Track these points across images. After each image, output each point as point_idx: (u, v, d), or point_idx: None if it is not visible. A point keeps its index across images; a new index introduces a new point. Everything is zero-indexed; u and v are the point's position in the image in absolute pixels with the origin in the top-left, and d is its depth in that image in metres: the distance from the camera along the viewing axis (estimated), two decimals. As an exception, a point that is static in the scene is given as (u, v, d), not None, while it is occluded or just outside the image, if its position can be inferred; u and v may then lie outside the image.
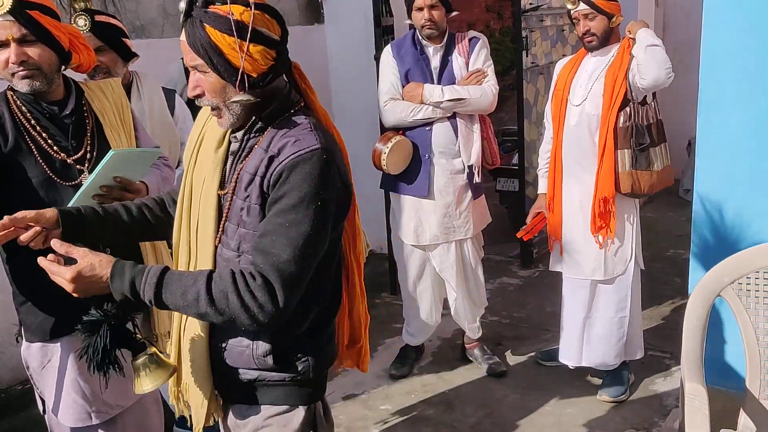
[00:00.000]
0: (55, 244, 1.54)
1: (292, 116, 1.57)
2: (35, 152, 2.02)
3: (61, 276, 1.49)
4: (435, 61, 3.28)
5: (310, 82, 1.64)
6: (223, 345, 1.64)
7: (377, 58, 3.49)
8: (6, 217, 1.63)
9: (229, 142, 1.64)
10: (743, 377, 2.20)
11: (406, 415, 3.26)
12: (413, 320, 3.60)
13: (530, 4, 4.77)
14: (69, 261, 1.51)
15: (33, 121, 2.04)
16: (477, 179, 3.34)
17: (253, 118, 1.59)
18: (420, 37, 3.27)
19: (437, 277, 3.45)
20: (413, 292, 3.50)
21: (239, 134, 1.62)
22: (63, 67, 2.08)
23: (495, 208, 5.62)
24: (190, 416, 1.75)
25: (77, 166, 2.07)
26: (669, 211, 5.64)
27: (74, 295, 1.51)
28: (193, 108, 3.05)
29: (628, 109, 2.95)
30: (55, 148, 2.05)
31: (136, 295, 1.50)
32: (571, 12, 3.00)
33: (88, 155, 2.10)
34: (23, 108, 2.04)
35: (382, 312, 4.36)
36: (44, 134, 2.05)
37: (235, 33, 1.44)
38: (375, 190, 3.71)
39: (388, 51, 3.36)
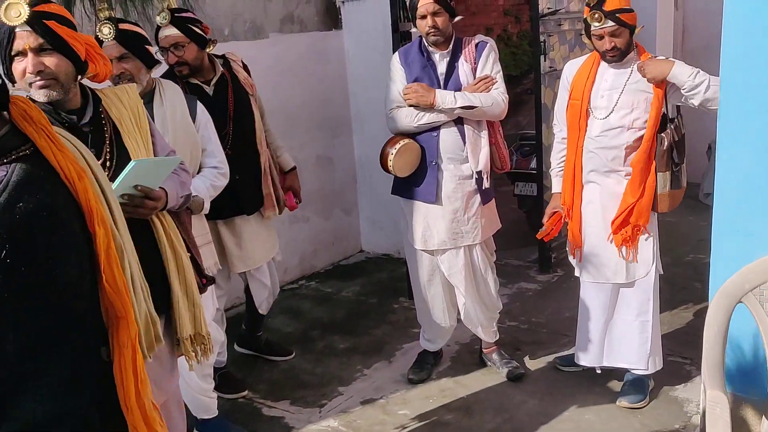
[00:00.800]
0: None
1: None
2: None
3: None
4: (441, 67, 3.26)
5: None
6: None
7: (395, 64, 3.50)
8: None
9: None
10: (765, 384, 2.19)
11: (425, 420, 3.25)
12: (427, 325, 3.61)
13: (548, 8, 4.76)
14: None
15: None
16: (486, 184, 3.32)
17: None
18: (426, 44, 3.27)
19: (448, 282, 3.44)
20: (425, 296, 3.50)
21: None
22: (79, 77, 2.10)
23: (513, 212, 5.63)
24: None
25: None
26: (689, 216, 5.60)
27: None
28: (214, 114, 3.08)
29: (669, 131, 2.96)
30: None
31: None
32: (593, 29, 2.95)
33: (108, 163, 2.11)
34: None
35: (399, 317, 4.37)
36: None
37: None
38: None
39: (396, 58, 3.35)
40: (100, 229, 1.37)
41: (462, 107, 3.16)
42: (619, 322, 3.22)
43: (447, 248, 3.34)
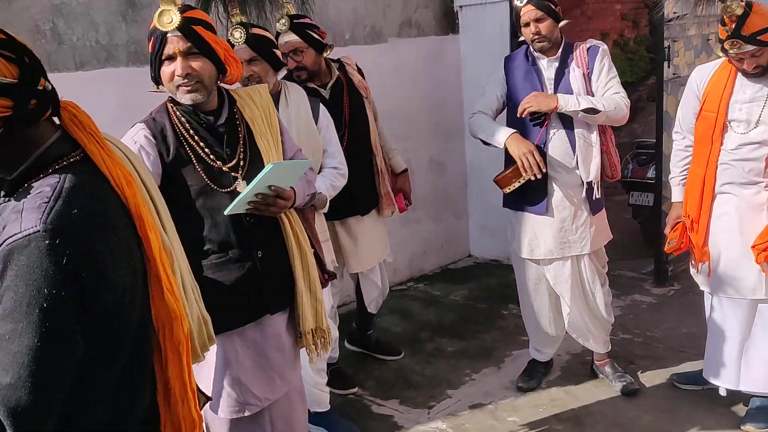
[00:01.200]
0: None
1: (49, 175, 1.29)
2: (194, 161, 2.15)
3: None
4: (549, 73, 3.20)
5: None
6: None
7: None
8: None
9: None
10: None
11: (535, 429, 3.22)
12: (533, 333, 3.57)
13: (674, 12, 4.60)
14: None
15: (191, 132, 2.17)
16: (597, 194, 3.24)
17: None
18: (532, 51, 3.22)
19: (554, 291, 3.38)
20: (531, 305, 3.46)
21: None
22: (219, 79, 2.21)
23: (627, 222, 5.48)
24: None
25: (232, 174, 2.18)
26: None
27: None
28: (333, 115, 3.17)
29: None
30: (211, 156, 2.17)
31: None
32: (733, 53, 2.78)
33: (241, 162, 2.21)
34: (182, 119, 2.18)
35: (509, 323, 4.33)
36: (201, 143, 2.17)
37: None
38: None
39: (501, 64, 3.35)
40: (150, 234, 1.37)
41: (585, 110, 3.07)
42: (757, 341, 3.04)
43: (554, 258, 3.29)
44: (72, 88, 3.43)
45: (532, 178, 3.08)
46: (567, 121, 3.17)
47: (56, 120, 1.35)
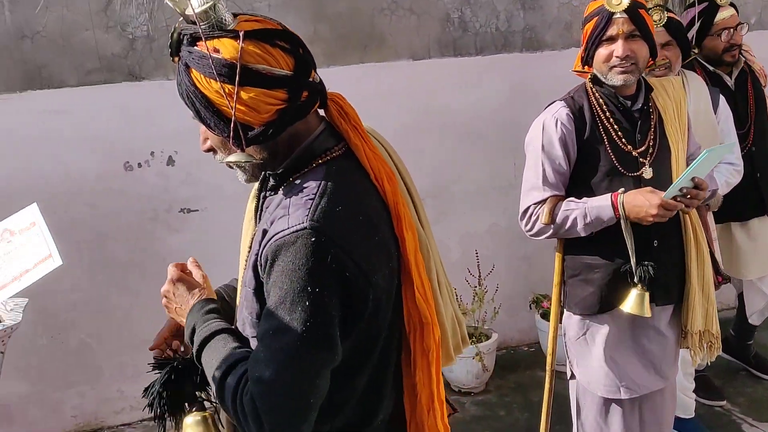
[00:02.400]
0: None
1: (313, 170, 1.27)
2: (606, 143, 2.20)
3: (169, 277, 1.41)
4: None
5: None
6: None
7: None
8: (155, 346, 1.53)
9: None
10: None
11: None
12: None
13: None
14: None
15: (608, 114, 2.22)
16: None
17: (266, 172, 1.34)
18: None
19: None
20: None
21: (256, 190, 1.41)
22: (650, 63, 2.22)
23: None
24: None
25: (639, 159, 2.20)
26: None
27: (166, 309, 1.43)
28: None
29: None
30: (623, 140, 2.20)
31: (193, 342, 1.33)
32: None
33: (650, 149, 2.22)
34: (600, 101, 2.23)
35: None
36: (615, 126, 2.21)
37: (217, 76, 1.17)
38: None
39: None
40: (408, 234, 1.30)
41: None
42: None
43: None
44: (472, 72, 3.76)
45: None
46: None
47: (322, 112, 1.34)
